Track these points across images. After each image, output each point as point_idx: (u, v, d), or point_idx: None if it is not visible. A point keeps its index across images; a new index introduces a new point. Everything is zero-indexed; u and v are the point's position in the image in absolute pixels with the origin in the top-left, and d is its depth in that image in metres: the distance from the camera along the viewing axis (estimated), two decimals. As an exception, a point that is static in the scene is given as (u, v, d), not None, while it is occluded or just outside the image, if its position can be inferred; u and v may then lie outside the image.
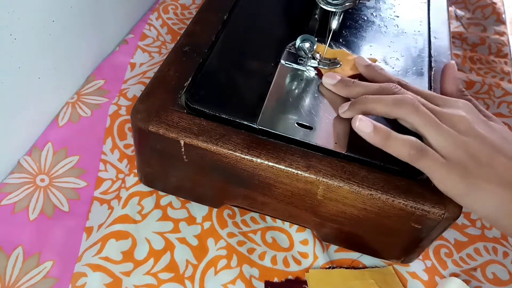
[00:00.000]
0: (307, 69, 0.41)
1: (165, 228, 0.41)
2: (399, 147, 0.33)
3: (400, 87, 0.36)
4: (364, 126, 0.34)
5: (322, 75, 0.40)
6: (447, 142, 0.32)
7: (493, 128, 0.34)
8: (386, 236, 0.38)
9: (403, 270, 0.41)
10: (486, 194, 0.31)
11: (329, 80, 0.39)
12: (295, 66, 0.41)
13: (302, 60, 0.41)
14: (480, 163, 0.32)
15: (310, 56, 0.41)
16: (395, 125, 0.35)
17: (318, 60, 0.41)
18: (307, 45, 0.40)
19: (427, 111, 0.33)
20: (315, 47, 0.40)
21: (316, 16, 0.42)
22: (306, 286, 0.39)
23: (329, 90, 0.40)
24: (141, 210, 0.41)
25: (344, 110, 0.37)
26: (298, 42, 0.40)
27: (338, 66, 0.41)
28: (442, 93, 0.40)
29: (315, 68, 0.41)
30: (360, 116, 0.34)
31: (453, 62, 0.42)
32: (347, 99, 0.39)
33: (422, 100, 0.35)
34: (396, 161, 0.35)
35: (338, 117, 0.38)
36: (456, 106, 0.35)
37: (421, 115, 0.33)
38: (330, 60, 0.42)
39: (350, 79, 0.39)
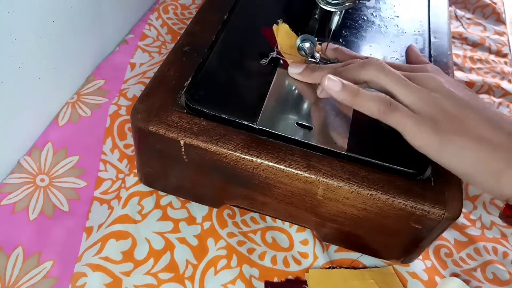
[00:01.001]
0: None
1: (165, 228, 0.41)
2: (368, 103, 0.33)
3: (360, 60, 0.36)
4: (332, 85, 0.34)
5: (287, 65, 0.40)
6: (416, 97, 0.32)
7: (462, 87, 0.35)
8: (386, 236, 0.38)
9: (403, 270, 0.41)
10: (459, 148, 0.31)
11: (294, 70, 0.39)
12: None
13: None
14: (451, 117, 0.31)
15: (310, 56, 0.41)
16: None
17: (318, 60, 0.41)
18: (307, 45, 0.40)
19: (394, 70, 0.34)
20: (315, 47, 0.40)
21: (316, 16, 0.42)
22: (306, 286, 0.39)
23: (298, 80, 0.39)
24: (141, 210, 0.41)
25: (321, 90, 0.37)
26: (298, 42, 0.40)
27: None
28: None
29: (280, 58, 0.41)
30: (328, 75, 0.34)
31: (413, 44, 0.44)
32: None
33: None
34: (396, 161, 0.35)
35: (338, 117, 0.38)
36: (425, 69, 0.35)
37: (388, 74, 0.33)
38: (329, 61, 0.41)
39: (315, 64, 0.39)
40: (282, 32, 0.41)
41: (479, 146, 0.30)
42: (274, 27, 0.42)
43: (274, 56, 0.41)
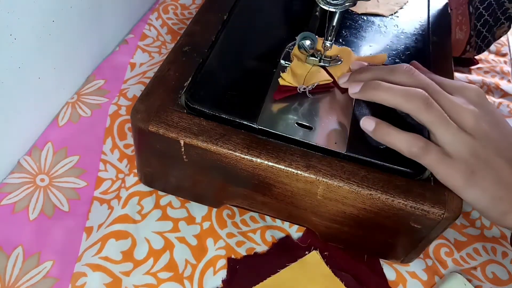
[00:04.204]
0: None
1: (164, 227, 0.41)
2: (402, 144, 0.34)
3: (412, 68, 0.36)
4: (367, 124, 0.35)
5: (337, 86, 0.40)
6: (453, 141, 0.33)
7: (498, 122, 0.35)
8: (386, 236, 0.38)
9: (403, 270, 0.41)
10: (482, 190, 0.33)
11: (342, 80, 0.39)
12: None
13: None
14: (481, 163, 0.33)
15: (310, 53, 0.40)
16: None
17: (319, 58, 0.41)
18: (307, 42, 0.40)
19: (438, 109, 0.33)
20: (315, 44, 0.40)
21: (317, 13, 0.42)
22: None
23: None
24: (140, 210, 0.41)
25: (344, 81, 0.38)
26: (298, 39, 0.40)
27: (339, 63, 0.41)
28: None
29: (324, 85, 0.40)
30: (365, 116, 0.36)
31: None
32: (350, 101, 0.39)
33: (433, 86, 0.35)
34: (395, 161, 0.35)
35: (338, 117, 0.38)
36: (468, 95, 0.35)
37: (431, 113, 0.33)
38: (331, 58, 0.41)
39: (363, 66, 0.39)
40: (291, 74, 0.39)
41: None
42: (280, 79, 0.39)
43: (308, 91, 0.39)
